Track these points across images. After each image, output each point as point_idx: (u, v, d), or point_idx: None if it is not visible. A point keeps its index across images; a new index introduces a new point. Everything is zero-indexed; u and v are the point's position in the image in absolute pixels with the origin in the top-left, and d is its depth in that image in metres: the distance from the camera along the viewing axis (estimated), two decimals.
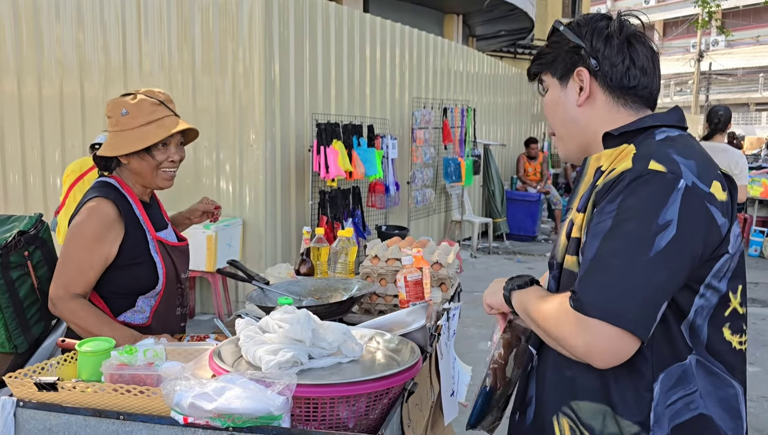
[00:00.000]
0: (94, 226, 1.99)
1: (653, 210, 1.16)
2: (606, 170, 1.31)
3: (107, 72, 6.09)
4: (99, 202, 2.02)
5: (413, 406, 1.61)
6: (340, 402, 1.35)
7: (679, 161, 1.21)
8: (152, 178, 2.10)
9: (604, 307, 1.14)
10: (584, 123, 1.40)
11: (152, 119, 2.03)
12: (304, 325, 1.55)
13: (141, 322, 2.11)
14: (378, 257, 2.52)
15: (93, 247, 1.99)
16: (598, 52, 1.35)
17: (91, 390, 1.43)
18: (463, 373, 2.36)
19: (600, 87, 1.37)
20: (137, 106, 2.03)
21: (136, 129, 2.02)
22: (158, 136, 2.02)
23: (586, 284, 1.18)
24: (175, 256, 2.19)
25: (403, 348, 1.62)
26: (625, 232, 1.17)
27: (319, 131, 5.99)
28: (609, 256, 1.17)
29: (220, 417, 1.25)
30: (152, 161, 2.06)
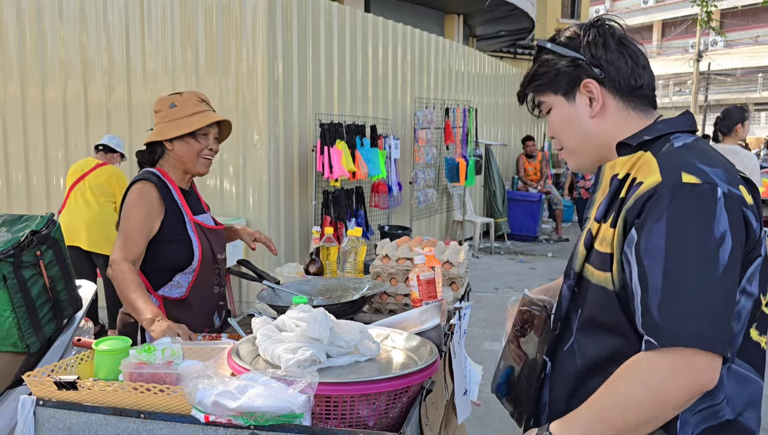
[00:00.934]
0: (143, 202, 2.26)
1: (707, 224, 1.13)
2: (624, 178, 1.29)
3: (110, 73, 6.09)
4: (143, 184, 2.30)
5: (430, 405, 1.62)
6: (360, 400, 1.35)
7: (708, 171, 1.19)
8: (194, 162, 2.36)
9: (699, 334, 1.10)
10: (599, 133, 1.38)
11: (197, 111, 2.33)
12: (322, 323, 1.55)
13: (178, 296, 2.33)
14: (388, 257, 2.52)
15: (144, 218, 2.25)
16: (600, 59, 1.34)
17: (110, 389, 1.44)
18: (475, 372, 2.36)
19: (609, 94, 1.36)
20: (185, 100, 2.34)
21: (184, 118, 2.31)
22: (203, 122, 2.31)
23: (669, 314, 1.12)
24: (212, 237, 2.43)
25: (421, 346, 1.63)
26: (688, 253, 1.13)
27: (322, 131, 5.99)
28: (682, 280, 1.12)
29: (243, 415, 1.25)
30: (196, 145, 2.33)
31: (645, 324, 1.15)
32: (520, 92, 1.48)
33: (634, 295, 1.19)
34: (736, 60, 35.95)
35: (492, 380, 1.66)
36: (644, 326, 1.15)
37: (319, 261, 2.74)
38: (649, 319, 1.14)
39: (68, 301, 2.48)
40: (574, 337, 1.38)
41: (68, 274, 2.48)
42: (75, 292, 2.52)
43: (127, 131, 6.03)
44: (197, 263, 2.33)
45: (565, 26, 1.44)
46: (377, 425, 1.39)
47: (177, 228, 2.32)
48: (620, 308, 1.25)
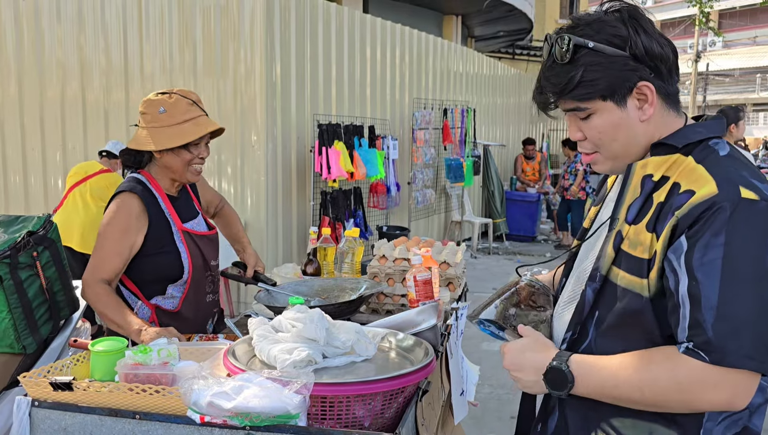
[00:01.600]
0: (121, 218, 2.14)
1: (764, 245, 1.12)
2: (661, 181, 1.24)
3: (108, 74, 6.09)
4: (125, 197, 2.17)
5: (426, 405, 1.62)
6: (356, 401, 1.35)
7: (762, 187, 1.17)
8: (183, 172, 2.22)
9: (751, 356, 1.10)
10: (646, 137, 1.28)
11: (188, 117, 2.16)
12: (318, 324, 1.55)
13: (171, 308, 2.24)
14: (386, 257, 2.52)
15: (119, 237, 2.13)
16: (654, 57, 1.23)
17: (106, 390, 1.43)
18: (471, 372, 2.36)
19: (657, 94, 1.25)
20: (174, 105, 2.16)
21: (174, 126, 2.15)
22: (195, 133, 2.16)
23: (722, 332, 1.11)
24: (203, 244, 2.31)
25: (417, 347, 1.63)
26: (747, 273, 1.11)
27: (320, 132, 5.99)
28: (739, 300, 1.11)
29: (238, 416, 1.25)
30: (187, 155, 2.19)
31: (693, 335, 1.13)
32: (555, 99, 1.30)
33: (679, 305, 1.16)
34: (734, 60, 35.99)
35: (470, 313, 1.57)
36: (691, 338, 1.13)
37: (316, 261, 2.75)
38: (700, 334, 1.12)
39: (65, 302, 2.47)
40: (591, 340, 1.32)
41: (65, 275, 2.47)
42: (72, 293, 2.51)
43: (124, 133, 6.02)
44: (188, 275, 2.23)
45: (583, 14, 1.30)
46: (373, 426, 1.39)
47: (164, 240, 2.21)
48: (653, 314, 1.21)
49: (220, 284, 2.49)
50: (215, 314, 2.42)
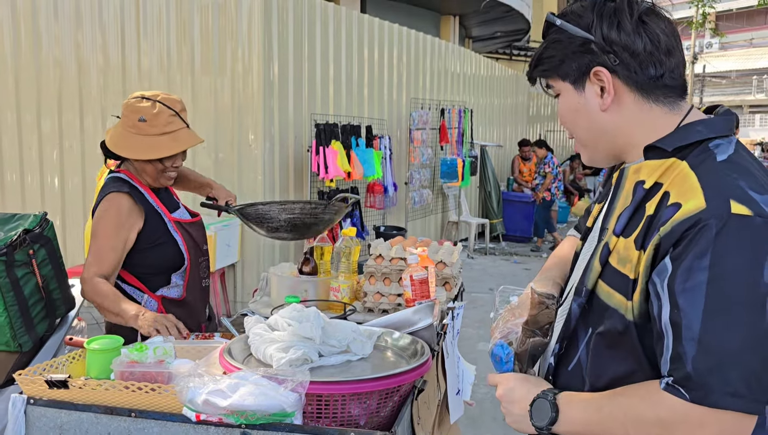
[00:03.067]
0: (112, 215, 2.16)
1: (756, 268, 0.99)
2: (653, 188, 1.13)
3: (106, 72, 6.08)
4: (115, 195, 2.19)
5: (422, 404, 1.62)
6: (351, 399, 1.36)
7: (759, 199, 1.03)
8: (156, 178, 2.26)
9: (734, 393, 0.98)
10: (613, 129, 1.20)
11: (167, 131, 2.16)
12: (314, 322, 1.56)
13: (177, 296, 2.31)
14: (382, 256, 2.52)
15: (113, 234, 2.16)
16: (613, 43, 1.14)
17: (102, 387, 1.44)
18: (468, 372, 2.36)
19: (624, 84, 1.16)
20: (156, 117, 2.15)
21: (151, 136, 2.15)
22: (171, 149, 2.16)
23: (704, 369, 0.99)
24: (193, 231, 2.38)
25: (413, 346, 1.63)
26: (734, 301, 0.99)
27: (318, 132, 6.00)
28: (723, 332, 0.99)
29: (234, 414, 1.25)
30: (159, 166, 2.22)
31: (674, 370, 1.02)
32: (528, 73, 1.30)
33: (662, 335, 1.05)
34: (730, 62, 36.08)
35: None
36: (672, 372, 1.02)
37: (312, 260, 2.74)
38: (680, 369, 1.01)
39: (61, 300, 2.47)
40: (580, 358, 1.24)
41: (61, 273, 2.47)
42: (68, 291, 2.52)
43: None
44: (187, 261, 2.30)
45: None
46: (368, 424, 1.40)
47: (159, 232, 2.25)
48: (637, 338, 1.11)
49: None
50: (209, 301, 2.51)
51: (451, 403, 2.01)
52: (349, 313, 2.31)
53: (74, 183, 6.23)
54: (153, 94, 2.21)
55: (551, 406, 1.17)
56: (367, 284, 2.50)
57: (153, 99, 2.18)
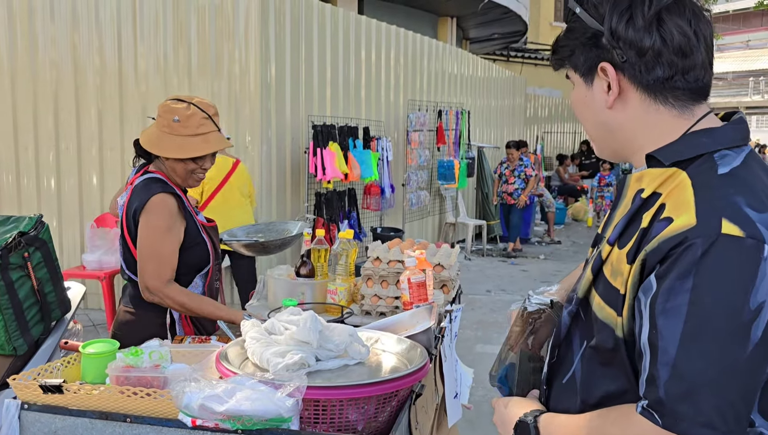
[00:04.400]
0: (166, 218, 2.20)
1: (742, 292, 0.93)
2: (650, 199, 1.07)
3: (102, 73, 6.06)
4: (163, 197, 2.21)
5: (420, 408, 1.61)
6: (349, 404, 1.35)
7: (755, 218, 0.96)
8: (185, 178, 2.30)
9: (706, 424, 0.93)
10: (616, 128, 1.14)
11: (200, 132, 2.22)
12: (311, 327, 1.54)
13: None
14: (380, 259, 2.51)
15: (168, 237, 2.20)
16: (620, 38, 1.07)
17: (97, 392, 1.42)
18: (465, 375, 2.35)
19: (630, 83, 1.09)
20: (189, 118, 2.22)
21: (184, 137, 2.21)
22: (202, 150, 2.22)
23: (677, 396, 0.94)
24: (212, 234, 2.44)
25: (411, 350, 1.62)
26: (715, 326, 0.93)
27: (315, 133, 5.99)
28: (700, 359, 0.93)
29: (230, 419, 1.24)
30: (191, 166, 2.26)
31: (648, 393, 0.98)
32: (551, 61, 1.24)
33: (641, 354, 1.01)
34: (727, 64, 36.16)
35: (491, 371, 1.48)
36: (647, 395, 0.98)
37: (310, 263, 2.73)
38: (653, 392, 0.97)
39: (56, 303, 2.46)
40: (574, 372, 1.18)
41: (57, 276, 2.46)
42: (63, 293, 2.51)
43: (118, 132, 5.99)
44: (211, 262, 2.36)
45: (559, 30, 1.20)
46: (366, 429, 1.38)
47: (194, 233, 2.31)
48: (626, 356, 1.06)
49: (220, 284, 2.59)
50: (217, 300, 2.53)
51: (449, 407, 1.99)
52: (347, 316, 2.30)
53: (70, 185, 6.21)
54: (188, 97, 2.29)
55: (532, 429, 1.16)
56: (364, 287, 2.49)
57: (188, 101, 2.25)
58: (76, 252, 6.14)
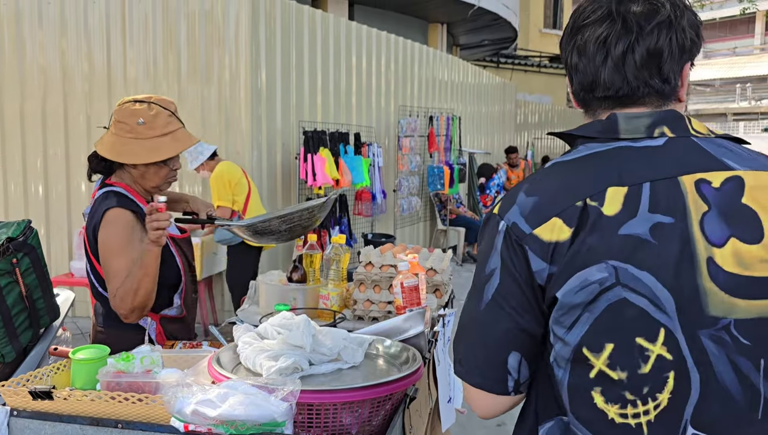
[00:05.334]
0: (119, 234, 2.03)
1: (483, 259, 1.10)
2: None
3: (91, 79, 6.02)
4: (116, 212, 2.05)
5: (414, 413, 1.60)
6: (343, 408, 1.33)
7: (518, 200, 1.07)
8: (159, 183, 2.16)
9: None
10: None
11: (168, 131, 2.08)
12: (304, 331, 1.53)
13: (177, 314, 2.23)
14: (372, 264, 2.50)
15: (124, 253, 2.02)
16: (562, 49, 1.15)
17: (87, 398, 1.40)
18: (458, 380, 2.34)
19: (573, 95, 1.18)
20: (154, 118, 2.07)
21: (153, 139, 2.06)
22: (174, 149, 2.08)
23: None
24: (185, 246, 2.32)
25: (404, 353, 1.61)
26: (472, 285, 1.13)
27: (305, 139, 5.97)
28: (464, 311, 1.14)
29: (224, 424, 1.23)
30: (163, 169, 2.13)
31: None
32: None
33: None
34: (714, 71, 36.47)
35: None
36: None
37: (301, 268, 2.72)
38: None
39: (45, 309, 2.43)
40: None
41: (45, 282, 2.43)
42: (52, 300, 2.48)
43: None
44: (183, 278, 2.23)
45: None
46: (360, 433, 1.37)
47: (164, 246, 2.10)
48: None
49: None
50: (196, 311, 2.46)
51: (443, 412, 1.99)
52: (339, 320, 2.28)
53: (58, 191, 6.16)
54: (145, 97, 2.13)
55: None
56: (356, 292, 2.47)
57: (147, 101, 2.10)
58: (64, 259, 6.09)
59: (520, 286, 1.04)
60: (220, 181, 4.98)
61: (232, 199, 5.00)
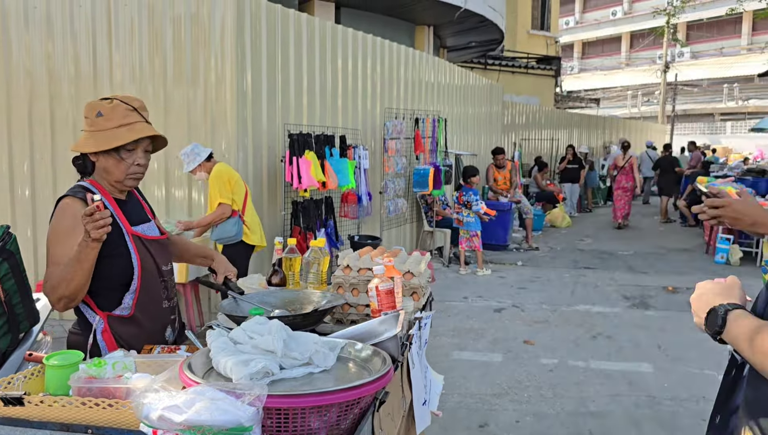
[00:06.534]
0: (65, 222, 2.09)
1: None
2: None
3: (77, 83, 6.02)
4: (68, 201, 2.13)
5: (385, 416, 1.62)
6: (311, 412, 1.36)
7: None
8: (120, 177, 2.20)
9: None
10: None
11: (124, 123, 2.14)
12: (276, 335, 1.56)
13: (124, 314, 2.18)
14: (350, 267, 2.52)
15: (66, 242, 2.06)
16: None
17: (58, 404, 1.42)
18: (435, 382, 2.37)
19: None
20: (112, 110, 2.15)
21: (109, 130, 2.13)
22: (127, 138, 2.13)
23: None
24: (154, 248, 2.28)
25: (375, 357, 1.63)
26: None
27: (291, 142, 5.99)
28: None
29: (190, 429, 1.24)
30: (120, 161, 2.17)
31: None
32: None
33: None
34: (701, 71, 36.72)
35: None
36: None
37: (281, 272, 2.74)
38: None
39: (24, 314, 2.44)
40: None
41: (24, 288, 2.44)
42: (32, 305, 2.49)
43: None
44: (137, 278, 2.18)
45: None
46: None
47: (115, 242, 2.13)
48: None
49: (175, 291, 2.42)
50: (174, 322, 2.37)
51: (417, 414, 2.01)
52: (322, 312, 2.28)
53: (45, 195, 6.15)
54: (113, 95, 2.22)
55: (721, 320, 1.36)
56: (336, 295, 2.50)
57: (111, 97, 2.19)
58: None
59: None
60: (220, 179, 5.06)
61: (231, 198, 5.07)
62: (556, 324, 6.30)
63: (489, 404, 4.28)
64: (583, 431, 3.90)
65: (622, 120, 26.02)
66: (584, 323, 6.32)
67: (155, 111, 5.75)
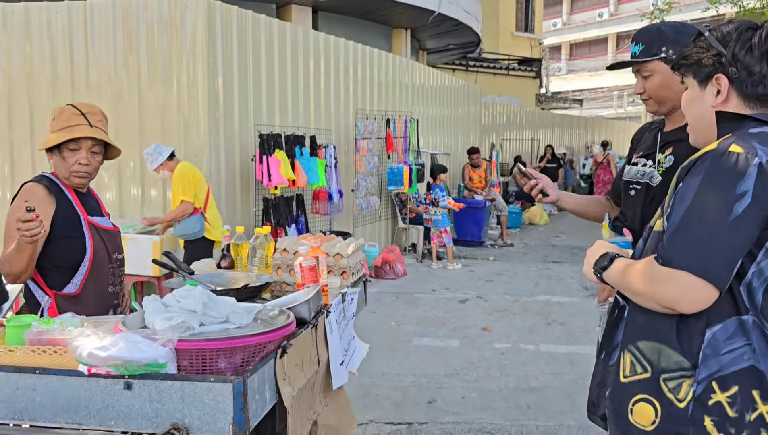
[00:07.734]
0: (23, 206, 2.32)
1: (733, 182, 1.39)
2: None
3: (54, 83, 6.28)
4: (30, 186, 2.43)
5: (293, 365, 1.93)
6: (218, 354, 1.67)
7: (757, 146, 1.42)
8: (66, 174, 2.47)
9: (690, 261, 1.40)
10: (712, 121, 1.59)
11: (67, 125, 2.42)
12: (197, 297, 1.86)
13: (71, 292, 2.43)
14: (287, 250, 2.83)
15: None
16: (738, 61, 1.52)
17: (14, 353, 1.72)
18: (359, 349, 2.68)
19: (735, 92, 1.55)
20: (60, 114, 2.45)
21: (55, 132, 2.44)
22: (62, 138, 2.40)
23: (673, 243, 1.43)
24: (107, 237, 2.56)
25: (281, 316, 1.94)
26: (708, 200, 1.41)
27: (261, 142, 6.30)
28: (694, 220, 1.41)
29: (115, 364, 1.55)
30: (63, 160, 2.45)
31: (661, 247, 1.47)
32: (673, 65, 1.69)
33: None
34: None
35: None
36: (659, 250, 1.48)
37: (230, 256, 3.04)
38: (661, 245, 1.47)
39: None
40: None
41: None
42: (2, 285, 2.78)
43: None
44: (89, 260, 2.43)
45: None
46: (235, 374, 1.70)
47: (71, 225, 2.41)
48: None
49: (123, 279, 2.68)
50: (118, 307, 2.63)
51: (334, 372, 2.33)
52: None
53: None
54: (76, 103, 2.51)
55: (608, 261, 1.65)
56: (274, 275, 2.81)
57: (71, 104, 2.48)
58: None
59: (762, 212, 1.39)
60: (184, 177, 5.35)
61: (194, 195, 5.38)
62: (515, 313, 6.63)
63: (440, 383, 4.60)
64: (522, 404, 4.23)
65: (604, 120, 26.42)
66: (542, 312, 6.66)
67: (129, 112, 6.06)
